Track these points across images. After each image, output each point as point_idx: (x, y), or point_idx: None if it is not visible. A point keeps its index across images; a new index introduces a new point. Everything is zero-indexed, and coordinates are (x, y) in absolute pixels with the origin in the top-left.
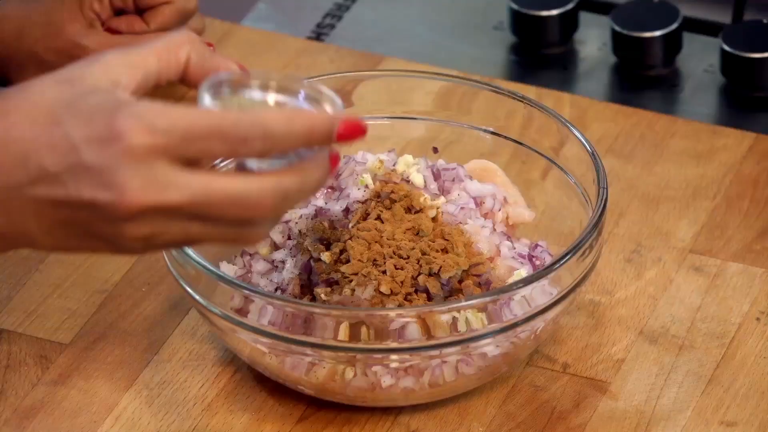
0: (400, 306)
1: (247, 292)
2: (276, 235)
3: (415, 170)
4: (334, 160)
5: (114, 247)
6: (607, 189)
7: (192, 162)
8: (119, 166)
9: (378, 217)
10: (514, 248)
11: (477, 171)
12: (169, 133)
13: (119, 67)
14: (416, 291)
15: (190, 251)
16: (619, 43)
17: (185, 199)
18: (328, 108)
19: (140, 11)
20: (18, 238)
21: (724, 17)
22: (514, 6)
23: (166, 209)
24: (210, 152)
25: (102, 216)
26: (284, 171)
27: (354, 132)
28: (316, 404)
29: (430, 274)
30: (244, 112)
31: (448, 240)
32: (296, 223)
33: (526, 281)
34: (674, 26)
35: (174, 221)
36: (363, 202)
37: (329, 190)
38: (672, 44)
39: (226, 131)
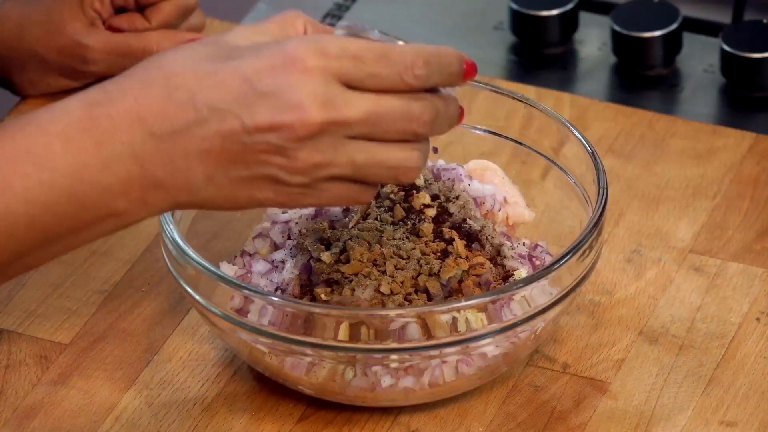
0: (400, 306)
1: (247, 292)
2: (276, 235)
3: None
4: (462, 111)
5: (276, 187)
6: (607, 189)
7: (356, 88)
8: (298, 87)
9: (378, 218)
10: (514, 248)
11: (477, 171)
12: (342, 56)
13: (250, 35)
14: (416, 291)
15: (190, 251)
16: (619, 43)
17: (360, 114)
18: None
19: (141, 8)
20: (178, 190)
21: (724, 17)
22: (514, 6)
23: (343, 125)
24: (378, 76)
25: (277, 142)
26: (433, 95)
27: (473, 71)
28: (316, 404)
29: (430, 275)
30: (404, 44)
31: (447, 240)
32: (296, 223)
33: (526, 281)
34: (674, 26)
35: (343, 145)
36: None
37: None
38: (672, 44)
39: (393, 56)
